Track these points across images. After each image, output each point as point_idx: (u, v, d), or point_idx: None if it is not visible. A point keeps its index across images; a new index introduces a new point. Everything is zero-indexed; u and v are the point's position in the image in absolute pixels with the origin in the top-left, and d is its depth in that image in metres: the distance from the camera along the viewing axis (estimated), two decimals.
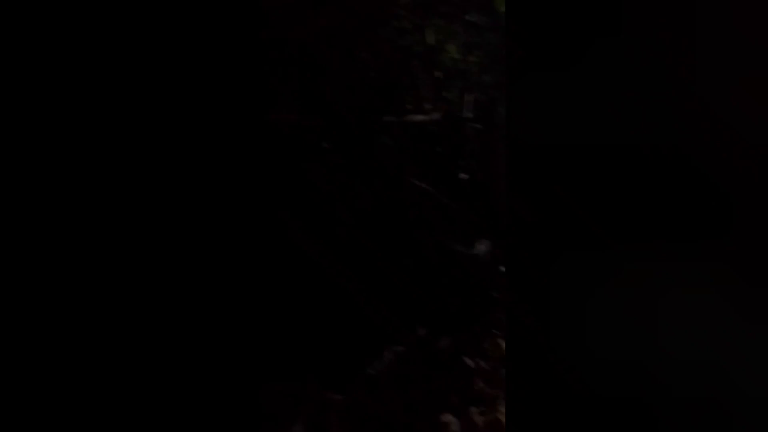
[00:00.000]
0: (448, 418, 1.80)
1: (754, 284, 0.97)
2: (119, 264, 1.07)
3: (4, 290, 1.04)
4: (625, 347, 0.99)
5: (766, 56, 0.97)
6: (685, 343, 0.98)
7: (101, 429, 1.05)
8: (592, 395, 1.00)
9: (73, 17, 1.05)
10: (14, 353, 1.03)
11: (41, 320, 1.05)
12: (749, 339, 0.96)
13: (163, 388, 1.08)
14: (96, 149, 1.07)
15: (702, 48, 0.99)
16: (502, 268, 2.36)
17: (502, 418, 1.72)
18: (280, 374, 1.92)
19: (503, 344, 2.08)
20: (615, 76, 1.01)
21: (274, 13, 2.39)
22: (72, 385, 1.05)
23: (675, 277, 1.00)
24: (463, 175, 2.70)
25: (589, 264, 1.01)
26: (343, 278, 2.25)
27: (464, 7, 2.69)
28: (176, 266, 1.09)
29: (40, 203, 1.05)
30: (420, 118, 2.73)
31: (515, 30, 1.05)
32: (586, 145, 1.02)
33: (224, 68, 1.11)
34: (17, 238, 1.04)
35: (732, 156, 0.99)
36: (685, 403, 0.97)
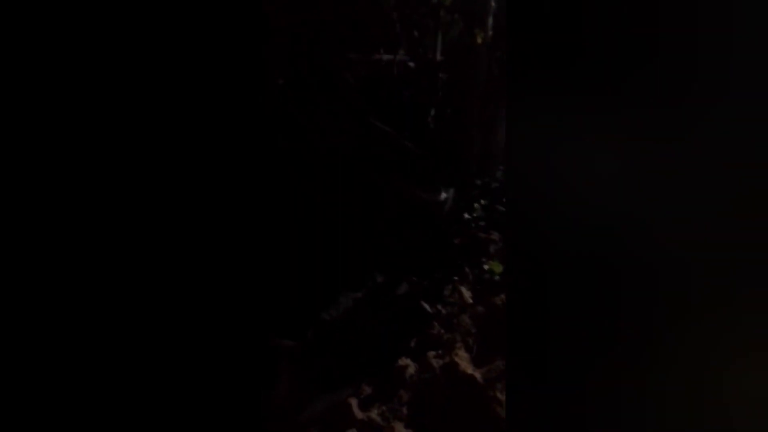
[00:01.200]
0: (405, 361, 1.73)
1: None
2: (115, 253, 1.05)
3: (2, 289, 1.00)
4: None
5: None
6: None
7: (99, 426, 1.03)
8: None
9: (70, 13, 1.01)
10: (15, 353, 1.01)
11: (39, 316, 1.02)
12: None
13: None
14: (94, 137, 1.04)
15: None
16: (466, 216, 2.27)
17: (459, 361, 1.66)
18: (234, 322, 1.82)
19: (464, 291, 2.01)
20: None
21: None
22: (70, 383, 1.03)
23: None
24: (429, 121, 2.58)
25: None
26: (299, 221, 2.13)
27: None
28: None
29: (42, 200, 1.02)
30: (387, 57, 2.58)
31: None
32: None
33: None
34: (16, 237, 1.01)
35: None
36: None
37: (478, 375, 1.54)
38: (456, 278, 2.07)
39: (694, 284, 0.93)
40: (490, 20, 2.75)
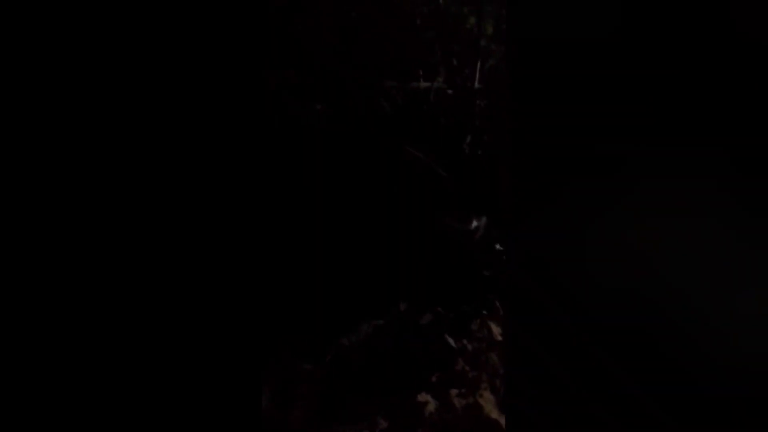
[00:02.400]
0: (425, 397, 1.65)
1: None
2: (115, 250, 1.04)
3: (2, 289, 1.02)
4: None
5: None
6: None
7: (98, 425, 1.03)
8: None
9: (71, 11, 1.02)
10: (15, 352, 1.01)
11: (39, 317, 1.02)
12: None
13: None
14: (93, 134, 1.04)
15: None
16: (498, 246, 2.19)
17: (483, 403, 1.57)
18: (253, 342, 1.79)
19: (493, 326, 1.92)
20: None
21: None
22: (69, 382, 1.03)
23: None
24: (464, 147, 2.54)
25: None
26: (325, 239, 2.11)
27: None
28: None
29: (37, 201, 1.02)
30: (425, 85, 2.57)
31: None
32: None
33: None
34: (15, 237, 1.01)
35: None
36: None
37: (503, 421, 1.45)
38: (485, 312, 1.98)
39: None
40: None
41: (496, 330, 1.90)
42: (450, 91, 2.62)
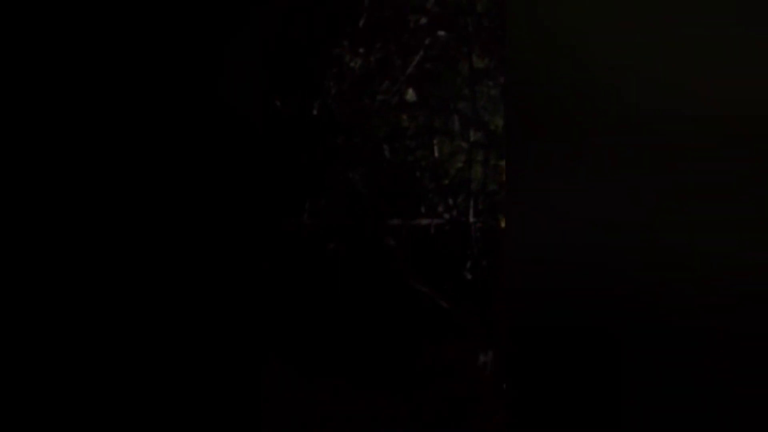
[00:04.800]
0: None
1: None
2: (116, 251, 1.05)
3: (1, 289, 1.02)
4: None
5: None
6: None
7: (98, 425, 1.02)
8: None
9: (72, 11, 1.03)
10: (11, 352, 1.01)
11: (35, 320, 1.02)
12: None
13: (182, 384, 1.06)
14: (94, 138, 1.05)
15: None
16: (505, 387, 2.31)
17: None
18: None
19: None
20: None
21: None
22: (68, 382, 1.03)
23: None
24: (467, 277, 2.75)
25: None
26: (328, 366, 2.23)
27: (466, 127, 2.92)
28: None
29: (35, 201, 1.03)
30: (426, 221, 2.85)
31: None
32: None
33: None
34: (14, 236, 1.02)
35: None
36: None
37: None
38: None
39: None
40: None
41: None
42: (448, 227, 2.90)
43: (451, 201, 2.92)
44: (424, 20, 2.90)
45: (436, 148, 2.94)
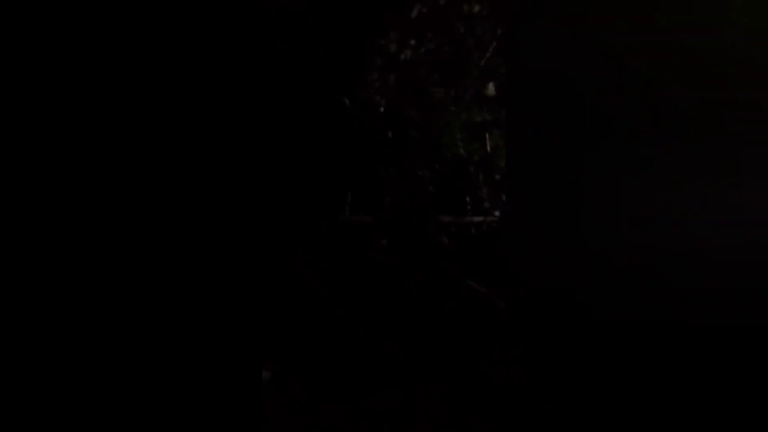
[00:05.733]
0: None
1: None
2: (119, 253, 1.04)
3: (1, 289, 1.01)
4: None
5: None
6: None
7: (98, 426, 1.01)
8: None
9: (75, 13, 1.02)
10: (10, 352, 1.00)
11: (33, 321, 1.00)
12: None
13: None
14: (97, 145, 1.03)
15: None
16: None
17: None
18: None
19: None
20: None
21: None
22: (68, 383, 1.02)
23: None
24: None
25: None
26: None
27: None
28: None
29: (49, 201, 1.01)
30: (477, 219, 2.82)
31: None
32: None
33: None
34: (13, 237, 1.01)
35: None
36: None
37: None
38: None
39: None
40: None
41: None
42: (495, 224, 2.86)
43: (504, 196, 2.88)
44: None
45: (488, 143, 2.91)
